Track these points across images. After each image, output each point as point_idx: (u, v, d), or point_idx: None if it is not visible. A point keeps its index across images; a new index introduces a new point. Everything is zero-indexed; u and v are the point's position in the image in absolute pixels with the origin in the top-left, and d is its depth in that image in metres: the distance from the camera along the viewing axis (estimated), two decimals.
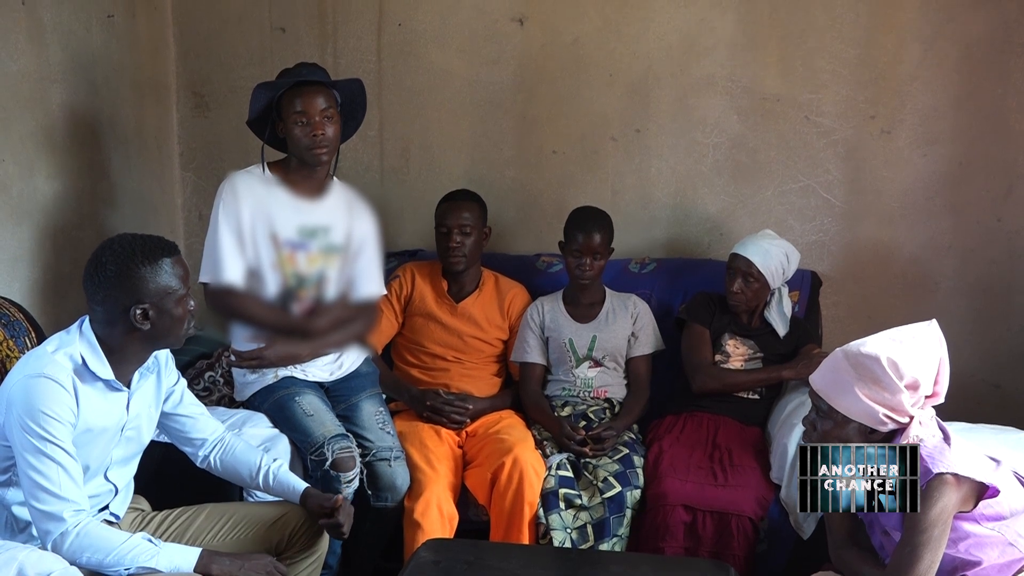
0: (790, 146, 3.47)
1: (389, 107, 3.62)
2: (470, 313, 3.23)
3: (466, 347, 3.21)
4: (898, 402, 2.08)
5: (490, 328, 3.25)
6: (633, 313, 3.23)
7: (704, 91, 3.48)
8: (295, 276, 2.88)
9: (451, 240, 3.15)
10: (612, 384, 3.21)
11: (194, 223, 3.73)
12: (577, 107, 3.55)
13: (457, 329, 3.21)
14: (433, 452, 2.93)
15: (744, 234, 3.32)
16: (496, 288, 3.30)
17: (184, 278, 2.14)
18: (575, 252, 3.12)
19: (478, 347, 3.23)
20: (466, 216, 3.18)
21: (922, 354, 2.11)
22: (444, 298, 3.24)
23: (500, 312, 3.27)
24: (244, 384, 2.93)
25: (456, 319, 3.22)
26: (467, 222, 3.17)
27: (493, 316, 3.26)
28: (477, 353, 3.23)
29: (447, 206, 3.19)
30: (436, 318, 3.22)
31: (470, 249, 3.18)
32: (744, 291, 3.10)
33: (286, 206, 2.86)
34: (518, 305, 3.29)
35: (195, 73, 3.67)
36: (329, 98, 2.85)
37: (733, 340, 3.18)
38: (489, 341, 3.25)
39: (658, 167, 3.56)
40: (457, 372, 3.20)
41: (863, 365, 2.08)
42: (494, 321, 3.26)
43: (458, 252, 3.16)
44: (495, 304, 3.27)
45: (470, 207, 3.20)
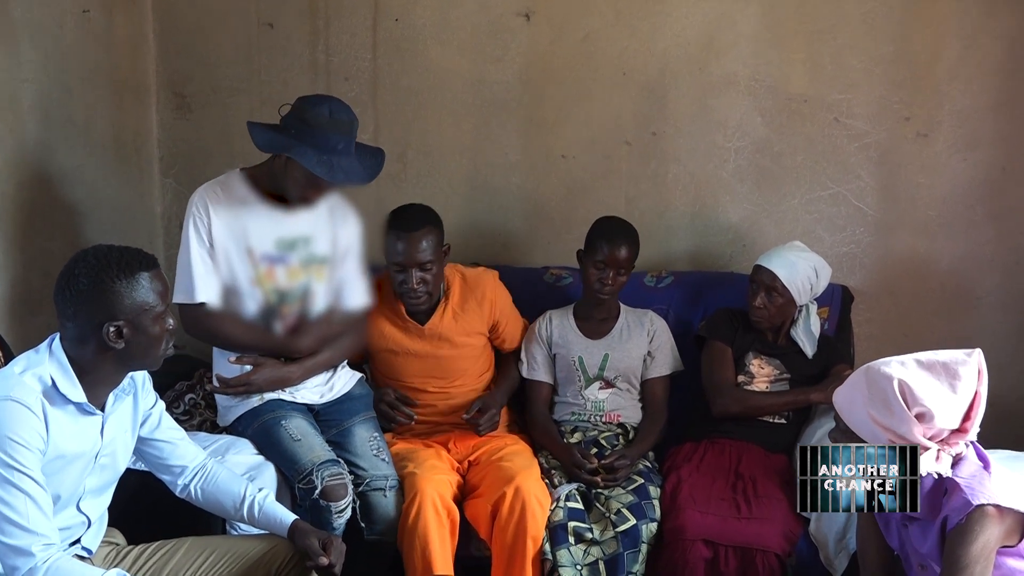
0: (818, 150, 3.48)
1: (385, 108, 3.63)
2: (441, 332, 3.10)
3: (447, 371, 3.14)
4: (907, 431, 2.09)
5: (471, 338, 3.16)
6: (649, 330, 3.23)
7: (725, 91, 3.49)
8: (276, 292, 2.89)
9: (409, 282, 2.96)
10: (626, 407, 3.21)
11: (174, 233, 3.74)
12: (588, 108, 3.56)
13: (431, 355, 3.11)
14: (426, 464, 2.92)
15: (769, 245, 3.32)
16: (464, 287, 3.14)
17: (163, 294, 2.14)
18: (598, 264, 3.12)
19: (462, 367, 3.17)
20: (423, 248, 2.94)
21: (948, 385, 2.10)
22: (405, 322, 3.10)
23: (479, 314, 3.14)
24: (227, 408, 2.94)
25: (426, 343, 3.10)
26: (426, 256, 2.95)
27: (472, 323, 3.13)
28: (462, 374, 3.17)
29: (396, 238, 2.94)
30: (403, 349, 3.11)
31: (433, 284, 3.01)
32: (767, 306, 3.10)
33: (262, 216, 2.86)
34: (495, 292, 3.17)
35: (176, 72, 3.69)
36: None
37: (757, 360, 3.18)
38: (473, 354, 3.18)
39: (675, 173, 3.57)
40: (444, 405, 3.15)
41: (877, 385, 2.09)
42: (474, 328, 3.14)
43: (419, 292, 2.99)
44: (470, 307, 3.13)
45: (427, 234, 2.95)
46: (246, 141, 2.83)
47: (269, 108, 3.45)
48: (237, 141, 3.55)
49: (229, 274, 2.84)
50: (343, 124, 2.74)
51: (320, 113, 2.71)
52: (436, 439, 3.14)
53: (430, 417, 3.16)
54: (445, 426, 3.16)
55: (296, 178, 2.76)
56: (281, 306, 2.91)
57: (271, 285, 2.88)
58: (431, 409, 3.16)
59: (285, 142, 2.71)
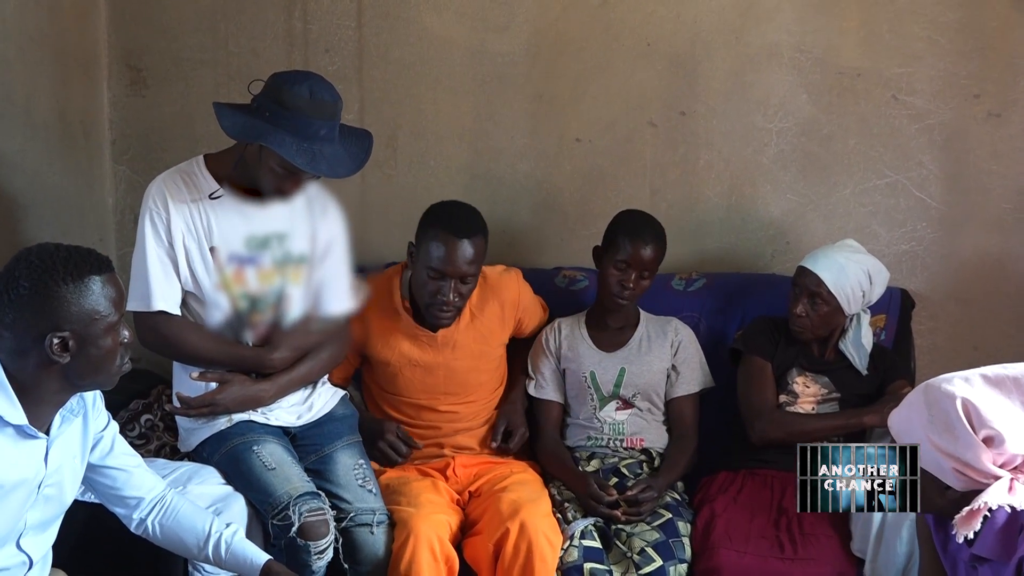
0: (874, 133, 3.48)
1: (371, 84, 3.64)
2: (457, 340, 3.13)
3: (461, 386, 3.17)
4: (973, 458, 2.08)
5: (491, 347, 3.19)
6: (673, 341, 3.24)
7: (766, 64, 3.49)
8: (245, 297, 2.90)
9: (447, 292, 2.97)
10: (649, 430, 3.21)
11: (129, 229, 3.74)
12: (606, 85, 3.57)
13: (443, 366, 3.14)
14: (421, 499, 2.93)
15: (816, 243, 3.32)
16: (484, 289, 3.16)
17: (116, 301, 2.15)
18: (620, 264, 3.13)
19: (478, 381, 3.19)
20: (472, 259, 2.97)
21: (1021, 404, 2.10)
22: (413, 329, 3.12)
23: (500, 320, 3.19)
24: (190, 430, 2.95)
25: (438, 353, 3.12)
26: (473, 269, 2.98)
27: (492, 330, 3.18)
28: (477, 389, 3.19)
29: (445, 242, 2.95)
30: (408, 360, 3.13)
31: (467, 298, 3.05)
32: (809, 315, 3.10)
33: (230, 211, 2.87)
34: (519, 292, 3.21)
35: (131, 42, 3.69)
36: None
37: (802, 377, 3.18)
38: (491, 366, 3.21)
39: (708, 159, 3.57)
40: (449, 427, 3.17)
41: (938, 405, 2.09)
42: (494, 336, 3.19)
43: (451, 308, 3.01)
44: (491, 312, 3.17)
45: (479, 243, 2.99)
46: (212, 123, 2.83)
47: (238, 84, 3.44)
48: (201, 122, 3.56)
49: (191, 277, 2.85)
50: (326, 106, 2.74)
51: (299, 93, 2.71)
52: (433, 465, 3.14)
53: (431, 440, 3.17)
54: (446, 450, 3.18)
55: (271, 168, 2.76)
56: (251, 313, 2.91)
57: (240, 289, 2.89)
58: (434, 432, 3.17)
59: (258, 127, 2.71)
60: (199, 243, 2.84)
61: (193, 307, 2.89)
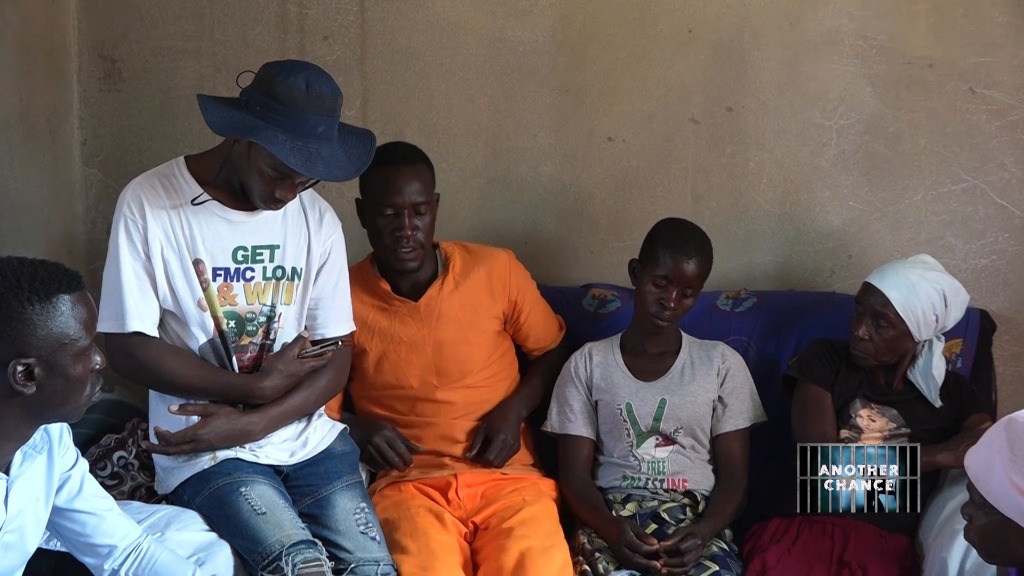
0: (948, 131, 3.48)
1: (376, 76, 3.66)
2: (441, 308, 3.20)
3: (452, 363, 3.20)
4: None
5: (480, 318, 3.23)
6: (720, 368, 3.23)
7: (824, 52, 3.50)
8: (233, 317, 2.91)
9: (403, 226, 3.09)
10: (692, 470, 3.21)
11: (100, 240, 3.76)
12: (642, 76, 3.58)
13: (429, 340, 3.19)
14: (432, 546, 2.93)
15: (881, 256, 3.33)
16: (467, 257, 3.27)
17: (88, 323, 2.16)
18: (659, 280, 3.13)
19: (471, 357, 3.21)
20: (416, 187, 3.10)
21: None
22: (391, 302, 3.20)
23: (487, 289, 3.25)
24: (169, 470, 2.95)
25: (422, 326, 3.19)
26: (420, 197, 3.10)
27: (479, 297, 3.24)
28: (471, 369, 3.21)
29: (387, 174, 3.09)
30: (393, 338, 3.19)
31: (425, 236, 3.13)
32: (873, 338, 3.09)
33: (215, 219, 2.88)
34: (509, 266, 3.27)
35: (104, 29, 3.71)
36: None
37: (867, 409, 3.17)
38: (485, 341, 3.24)
39: (759, 161, 3.58)
40: (446, 424, 3.19)
41: (1021, 441, 2.08)
42: (482, 305, 3.24)
43: (412, 242, 3.11)
44: (476, 279, 3.24)
45: (422, 170, 3.14)
46: (195, 120, 2.86)
47: (225, 76, 3.48)
48: (183, 119, 3.58)
49: (171, 294, 2.86)
50: (324, 100, 2.75)
51: (294, 86, 2.72)
52: (433, 482, 3.16)
53: (430, 446, 3.19)
54: (446, 458, 3.19)
55: (262, 170, 2.77)
56: (239, 336, 2.93)
57: (226, 308, 2.90)
58: (430, 432, 3.19)
59: (248, 123, 2.73)
60: (180, 255, 2.85)
61: (173, 328, 2.90)
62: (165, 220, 2.84)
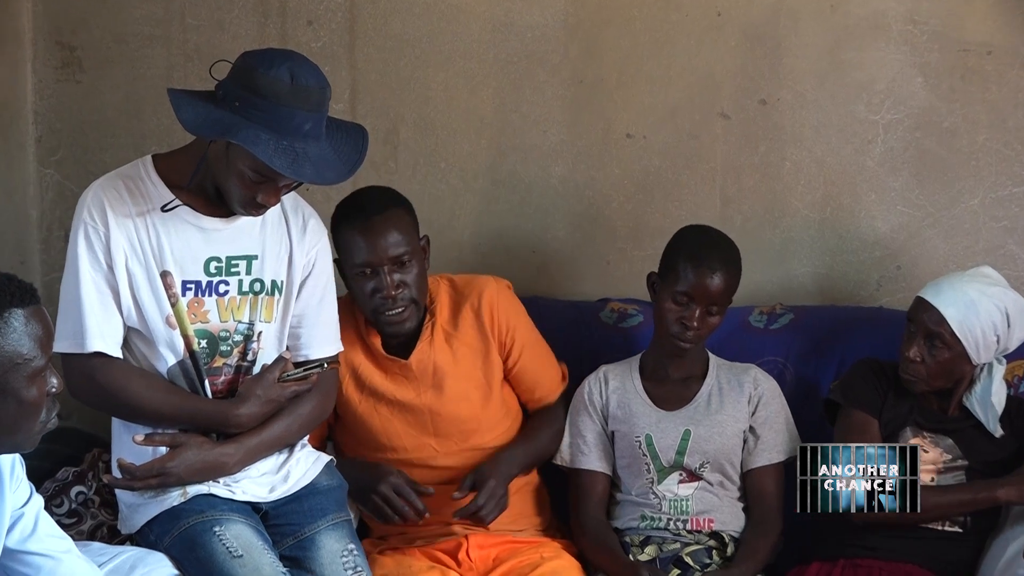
0: (1009, 126, 3.48)
1: (367, 66, 3.67)
2: (436, 364, 3.18)
3: (457, 428, 3.19)
4: None
5: (474, 369, 3.21)
6: (752, 395, 3.23)
7: (870, 38, 3.50)
8: (205, 336, 2.91)
9: (385, 286, 3.07)
10: (720, 509, 3.20)
11: (57, 249, 3.77)
12: (665, 65, 3.58)
13: (427, 405, 3.18)
14: None
15: (934, 268, 3.33)
16: (453, 295, 3.26)
17: (44, 342, 2.16)
18: (680, 296, 3.12)
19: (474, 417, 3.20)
20: (393, 239, 3.08)
21: None
22: (384, 362, 3.19)
23: (477, 329, 3.23)
24: (133, 507, 2.95)
25: (416, 388, 3.18)
26: (399, 248, 3.08)
27: (472, 342, 3.22)
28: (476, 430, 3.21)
29: (356, 230, 3.09)
30: (384, 396, 3.19)
31: (417, 288, 3.12)
32: (925, 360, 3.08)
33: (186, 226, 2.88)
34: (497, 297, 3.23)
35: (62, 14, 3.73)
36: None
37: (918, 439, 3.16)
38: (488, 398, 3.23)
39: (796, 160, 3.58)
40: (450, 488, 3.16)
41: None
42: (477, 349, 3.22)
43: (400, 302, 3.09)
44: (465, 320, 3.22)
45: (395, 217, 3.11)
46: (164, 114, 2.87)
47: (197, 66, 3.49)
48: (150, 114, 3.59)
49: (136, 310, 2.86)
50: (311, 94, 2.75)
51: (277, 78, 2.72)
52: (441, 546, 3.15)
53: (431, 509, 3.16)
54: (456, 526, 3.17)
55: (242, 173, 2.77)
56: (212, 357, 2.93)
57: (197, 326, 2.90)
58: (430, 502, 3.15)
59: (226, 121, 2.73)
60: (146, 267, 2.86)
61: (138, 348, 2.90)
62: (130, 227, 2.85)
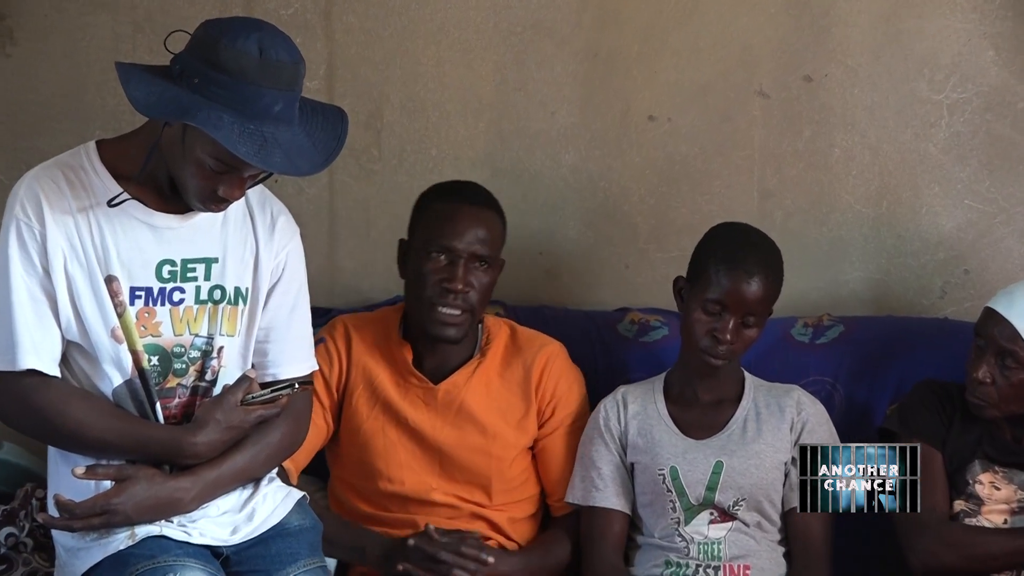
0: None
1: (346, 36, 3.68)
2: (464, 400, 3.24)
3: (464, 475, 3.23)
4: None
5: (507, 427, 3.25)
6: (795, 421, 3.23)
7: (933, 6, 3.51)
8: (156, 352, 2.91)
9: (455, 277, 3.16)
10: (758, 554, 3.20)
11: None
12: (693, 37, 3.60)
13: (440, 442, 3.23)
14: None
15: (1009, 272, 3.35)
16: (511, 344, 3.33)
17: None
18: (711, 305, 3.11)
19: (487, 468, 3.24)
20: (481, 235, 3.19)
21: None
22: (409, 377, 3.25)
23: (523, 391, 3.28)
24: (73, 551, 2.95)
25: (436, 417, 3.23)
26: (484, 248, 3.18)
27: (513, 400, 3.28)
28: (488, 484, 3.24)
29: (449, 211, 3.21)
30: (396, 416, 3.23)
31: (480, 299, 3.20)
32: (996, 381, 3.09)
33: (135, 224, 2.89)
34: (557, 366, 3.29)
35: None
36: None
37: (989, 473, 3.17)
38: (509, 454, 3.25)
39: (847, 146, 3.60)
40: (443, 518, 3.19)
41: None
42: (514, 408, 3.27)
43: (461, 301, 3.16)
44: (514, 374, 3.29)
45: (489, 220, 3.22)
46: (110, 93, 2.87)
47: (149, 37, 3.50)
48: (93, 93, 3.60)
49: (77, 321, 2.86)
50: (282, 70, 2.74)
51: (243, 51, 2.71)
52: None
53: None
54: None
55: (201, 162, 2.77)
56: (164, 376, 2.93)
57: (147, 340, 2.90)
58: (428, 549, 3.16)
59: (183, 101, 2.72)
60: (89, 271, 2.85)
61: (79, 366, 2.89)
62: (70, 225, 2.84)
